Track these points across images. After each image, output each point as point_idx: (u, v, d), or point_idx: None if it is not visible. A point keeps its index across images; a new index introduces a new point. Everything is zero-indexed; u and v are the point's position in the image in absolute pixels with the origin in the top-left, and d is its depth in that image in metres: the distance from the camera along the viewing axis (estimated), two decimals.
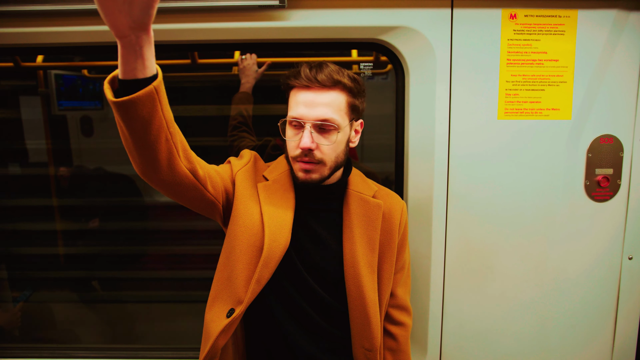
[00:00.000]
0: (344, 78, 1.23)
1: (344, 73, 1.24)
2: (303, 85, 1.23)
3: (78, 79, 2.75)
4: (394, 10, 1.54)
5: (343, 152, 1.29)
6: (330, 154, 1.25)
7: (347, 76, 1.24)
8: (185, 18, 1.56)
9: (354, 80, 1.26)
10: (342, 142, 1.27)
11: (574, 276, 1.69)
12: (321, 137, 1.23)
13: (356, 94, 1.27)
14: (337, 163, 1.29)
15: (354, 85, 1.25)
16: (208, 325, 1.28)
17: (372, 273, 1.34)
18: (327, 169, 1.27)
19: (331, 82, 1.22)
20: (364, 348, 1.35)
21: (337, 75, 1.22)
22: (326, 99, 1.22)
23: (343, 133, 1.26)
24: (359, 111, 1.31)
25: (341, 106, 1.24)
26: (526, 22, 1.56)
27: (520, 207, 1.65)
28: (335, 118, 1.22)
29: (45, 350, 1.99)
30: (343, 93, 1.24)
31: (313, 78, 1.21)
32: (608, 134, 1.61)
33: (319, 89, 1.22)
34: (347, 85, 1.23)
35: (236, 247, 1.27)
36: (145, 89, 0.93)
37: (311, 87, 1.23)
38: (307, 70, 1.23)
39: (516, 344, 1.74)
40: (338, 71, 1.24)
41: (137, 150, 1.03)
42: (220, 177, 1.29)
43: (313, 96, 1.22)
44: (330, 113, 1.22)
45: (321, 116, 1.21)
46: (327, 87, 1.22)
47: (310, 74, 1.22)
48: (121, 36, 0.87)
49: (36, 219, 2.67)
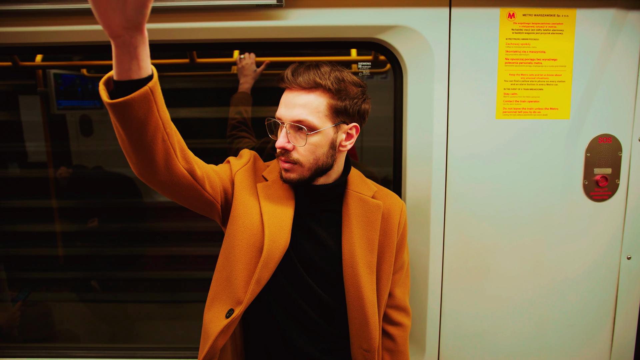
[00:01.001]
0: (325, 81, 1.21)
1: (329, 75, 1.22)
2: (286, 86, 1.26)
3: (77, 78, 2.74)
4: (392, 9, 1.54)
5: (326, 155, 1.27)
6: (307, 155, 1.25)
7: (333, 79, 1.22)
8: (183, 17, 1.56)
9: (340, 82, 1.23)
10: (323, 144, 1.25)
11: (573, 276, 1.69)
12: (298, 137, 1.24)
13: (343, 97, 1.24)
14: (319, 165, 1.28)
15: (338, 88, 1.22)
16: (207, 326, 1.28)
17: (371, 273, 1.34)
18: (306, 170, 1.27)
19: (309, 85, 1.21)
20: (362, 349, 1.35)
21: (318, 78, 1.21)
22: (303, 101, 1.22)
23: (323, 136, 1.24)
24: (350, 115, 1.27)
25: (320, 108, 1.22)
26: (524, 22, 1.56)
27: (518, 206, 1.65)
28: (311, 120, 1.21)
29: (43, 350, 1.99)
30: (324, 96, 1.22)
31: (293, 80, 1.23)
32: (607, 133, 1.61)
33: (298, 90, 1.23)
34: (329, 88, 1.21)
35: (235, 247, 1.27)
36: (141, 90, 0.92)
37: (291, 88, 1.25)
38: (289, 71, 1.25)
39: (514, 343, 1.74)
40: (323, 73, 1.22)
41: (133, 151, 1.03)
42: (219, 177, 1.29)
43: (292, 97, 1.24)
44: (305, 114, 1.21)
45: (296, 117, 1.22)
46: (305, 89, 1.23)
47: (291, 76, 1.23)
48: (115, 36, 0.86)
49: (35, 218, 2.67)
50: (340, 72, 1.25)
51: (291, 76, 1.23)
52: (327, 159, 1.28)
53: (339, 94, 1.23)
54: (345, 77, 1.25)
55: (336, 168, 1.34)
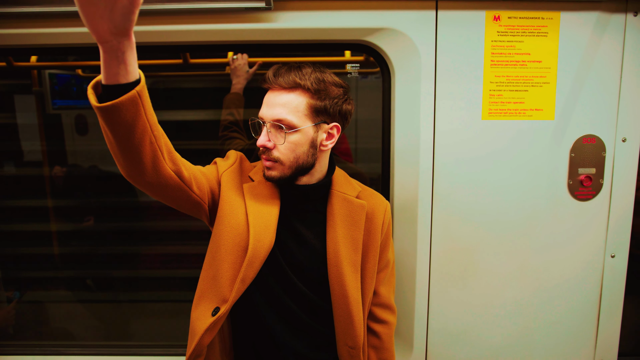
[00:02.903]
0: (305, 81, 1.24)
1: (309, 76, 1.25)
2: (268, 86, 1.29)
3: (72, 78, 2.76)
4: (379, 12, 1.56)
5: (307, 154, 1.30)
6: (287, 153, 1.28)
7: (314, 79, 1.25)
8: (175, 20, 1.58)
9: (320, 82, 1.26)
10: (302, 143, 1.28)
11: (558, 274, 1.72)
12: (278, 136, 1.27)
13: (323, 97, 1.27)
14: (300, 164, 1.30)
15: (318, 88, 1.25)
16: (194, 324, 1.30)
17: (355, 272, 1.36)
18: (287, 168, 1.30)
19: (290, 84, 1.25)
20: (347, 346, 1.38)
21: (298, 78, 1.24)
22: (283, 100, 1.26)
23: (303, 134, 1.27)
24: (331, 114, 1.29)
25: (299, 107, 1.25)
26: (510, 24, 1.58)
27: (504, 206, 1.67)
28: (290, 119, 1.25)
29: (37, 348, 2.02)
30: (304, 95, 1.26)
31: (274, 80, 1.26)
32: (591, 134, 1.64)
33: (279, 90, 1.27)
34: (308, 88, 1.24)
35: (222, 246, 1.30)
36: (128, 94, 0.95)
37: (273, 88, 1.29)
38: (271, 72, 1.28)
39: (501, 341, 1.77)
40: (304, 74, 1.25)
41: (121, 154, 1.05)
42: (206, 178, 1.31)
43: (273, 97, 1.28)
44: (284, 113, 1.25)
45: (276, 116, 1.25)
46: (286, 88, 1.26)
47: (272, 76, 1.27)
48: (103, 41, 0.89)
49: (30, 217, 2.69)
50: (322, 73, 1.27)
51: (273, 77, 1.27)
52: (308, 157, 1.31)
53: (318, 93, 1.26)
54: (326, 78, 1.28)
55: (319, 167, 1.37)
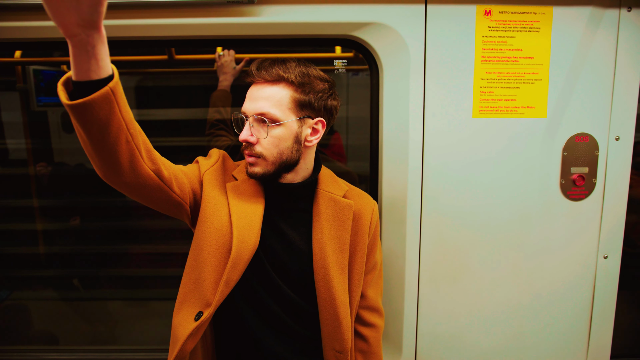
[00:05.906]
0: (289, 74, 1.21)
1: (293, 69, 1.23)
2: (251, 80, 1.27)
3: (58, 74, 2.70)
4: (366, 5, 1.52)
5: (290, 149, 1.27)
6: (270, 148, 1.24)
7: (298, 72, 1.22)
8: (158, 13, 1.53)
9: (304, 76, 1.23)
10: (286, 138, 1.25)
11: (550, 276, 1.69)
12: (261, 130, 1.24)
13: (307, 90, 1.24)
14: (284, 160, 1.27)
15: (302, 82, 1.23)
16: (176, 329, 1.26)
17: (343, 274, 1.33)
18: (270, 164, 1.26)
19: (273, 77, 1.22)
20: (334, 350, 1.34)
21: (281, 71, 1.22)
22: (266, 93, 1.23)
23: (286, 129, 1.24)
24: (315, 109, 1.27)
25: (283, 101, 1.22)
26: (501, 19, 1.54)
27: (495, 206, 1.64)
28: (273, 112, 1.21)
29: (16, 353, 1.97)
30: (287, 88, 1.23)
31: (257, 73, 1.24)
32: (583, 132, 1.60)
33: (263, 83, 1.24)
34: (292, 81, 1.22)
35: (204, 248, 1.26)
36: (101, 91, 0.90)
37: (256, 81, 1.26)
38: (255, 66, 1.25)
39: (492, 344, 1.74)
40: (288, 67, 1.23)
41: (96, 154, 1.01)
42: (187, 177, 1.27)
43: (256, 90, 1.25)
44: (267, 107, 1.21)
45: (259, 110, 1.22)
46: (269, 81, 1.23)
47: (256, 70, 1.24)
48: (71, 35, 0.84)
49: (16, 217, 2.65)
50: (306, 67, 1.25)
51: (256, 70, 1.24)
52: (292, 153, 1.28)
53: (302, 87, 1.23)
54: (311, 71, 1.25)
55: (304, 165, 1.33)
